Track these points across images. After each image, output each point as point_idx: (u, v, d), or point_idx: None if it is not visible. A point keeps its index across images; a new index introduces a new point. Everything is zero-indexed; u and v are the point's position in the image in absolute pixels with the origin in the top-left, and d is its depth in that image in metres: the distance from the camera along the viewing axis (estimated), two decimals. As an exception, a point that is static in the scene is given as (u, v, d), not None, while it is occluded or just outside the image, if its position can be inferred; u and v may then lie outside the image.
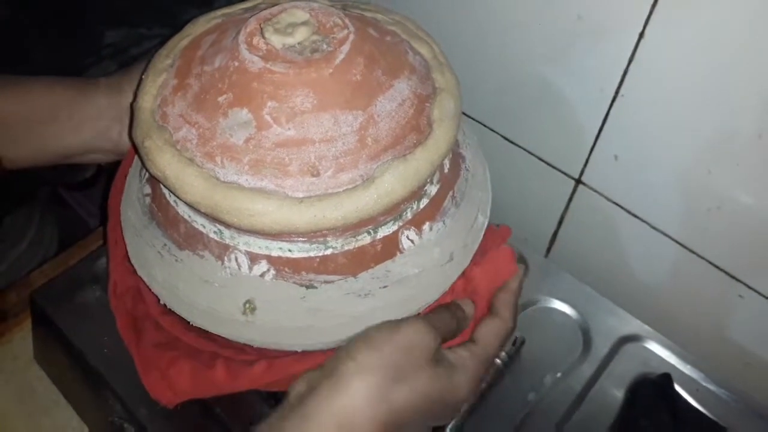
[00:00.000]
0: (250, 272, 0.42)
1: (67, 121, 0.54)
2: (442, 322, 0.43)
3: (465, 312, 0.45)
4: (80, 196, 1.08)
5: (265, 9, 0.45)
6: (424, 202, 0.44)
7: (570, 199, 0.68)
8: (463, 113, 0.71)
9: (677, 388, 0.55)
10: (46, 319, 0.56)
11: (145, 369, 0.48)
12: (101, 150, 0.57)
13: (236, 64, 0.41)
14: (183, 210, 0.44)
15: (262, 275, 0.42)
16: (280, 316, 0.42)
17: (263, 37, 0.42)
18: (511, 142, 0.69)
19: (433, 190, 0.45)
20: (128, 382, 0.51)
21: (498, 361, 0.55)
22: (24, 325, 0.62)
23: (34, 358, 0.61)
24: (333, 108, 0.40)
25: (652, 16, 0.52)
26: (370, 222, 0.42)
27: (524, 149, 0.68)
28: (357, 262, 0.43)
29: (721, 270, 0.60)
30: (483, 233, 0.48)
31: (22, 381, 0.60)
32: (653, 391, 0.54)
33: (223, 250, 0.42)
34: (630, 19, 0.53)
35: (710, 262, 0.60)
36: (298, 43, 0.42)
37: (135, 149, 0.44)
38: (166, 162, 0.40)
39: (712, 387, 0.56)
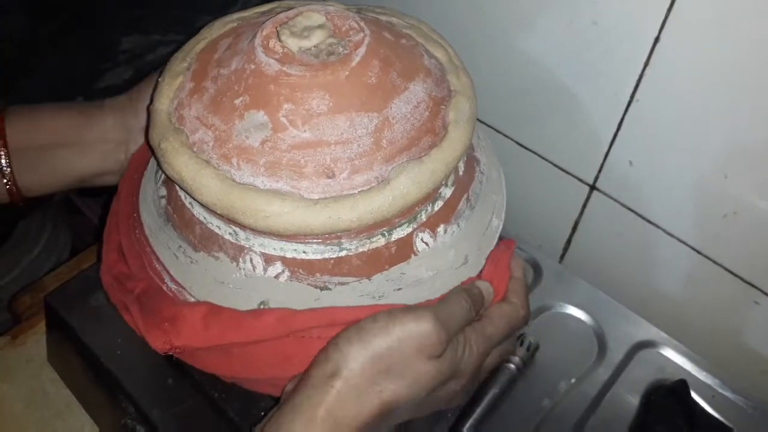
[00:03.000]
0: (264, 273, 0.42)
1: (75, 146, 0.55)
2: (455, 314, 0.41)
3: (484, 298, 0.44)
4: (93, 203, 1.08)
5: (281, 12, 0.46)
6: (439, 204, 0.44)
7: (584, 205, 0.67)
8: (477, 119, 0.71)
9: (693, 394, 0.54)
10: (59, 322, 0.56)
11: (146, 317, 0.45)
12: (110, 172, 0.57)
13: (252, 66, 0.42)
14: (198, 212, 0.44)
15: (276, 276, 0.42)
16: None
17: (279, 40, 0.42)
18: (525, 148, 0.69)
19: (447, 192, 0.45)
20: (141, 384, 0.51)
21: (512, 366, 0.55)
22: (37, 328, 0.63)
23: (47, 361, 0.61)
24: (348, 110, 0.41)
25: (668, 21, 0.52)
26: (385, 224, 0.42)
27: (538, 155, 0.68)
28: (371, 264, 0.42)
29: (737, 276, 0.59)
30: (497, 236, 0.48)
31: (36, 383, 0.60)
32: (669, 397, 0.53)
33: (238, 252, 0.42)
34: (645, 24, 0.53)
35: (726, 269, 0.59)
36: (314, 46, 0.42)
37: (151, 151, 0.44)
38: (182, 164, 0.41)
39: (728, 394, 0.55)
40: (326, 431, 0.37)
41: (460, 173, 0.47)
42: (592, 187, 0.66)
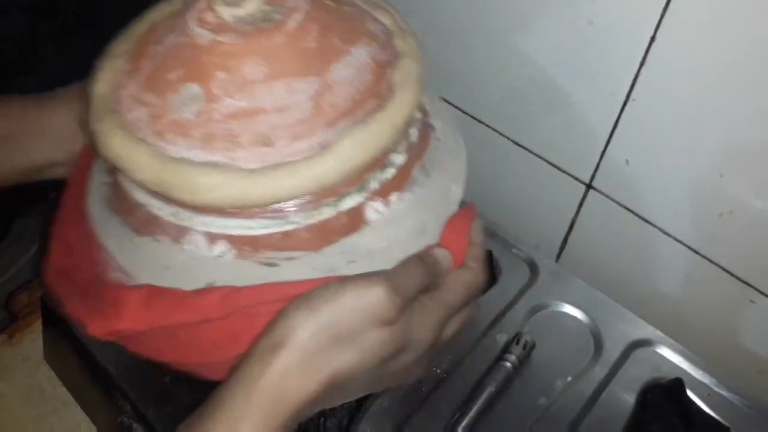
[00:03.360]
0: (209, 253, 0.41)
1: (25, 136, 0.53)
2: (410, 281, 0.39)
3: (441, 265, 0.42)
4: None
5: None
6: (391, 171, 0.43)
7: (581, 204, 0.67)
8: (475, 118, 0.71)
9: (689, 393, 0.54)
10: (56, 320, 0.56)
11: (88, 305, 0.43)
12: (63, 163, 0.55)
13: (186, 40, 0.41)
14: (139, 195, 0.42)
15: (221, 255, 0.41)
16: None
17: (213, 10, 0.41)
18: (522, 147, 0.69)
19: (399, 159, 0.44)
20: (138, 382, 0.51)
21: (508, 364, 0.55)
22: (34, 327, 0.63)
23: (44, 359, 0.61)
24: (286, 76, 0.39)
25: (664, 21, 0.52)
26: (332, 193, 0.40)
27: (535, 154, 0.68)
28: (320, 237, 0.41)
29: (733, 275, 0.59)
30: (458, 203, 0.46)
31: (32, 381, 0.60)
32: (665, 395, 0.54)
33: (180, 233, 0.41)
34: (641, 23, 0.53)
35: (722, 267, 0.60)
36: (249, 15, 0.41)
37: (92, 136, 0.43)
38: (116, 143, 0.39)
39: (724, 392, 0.55)
40: (269, 404, 0.36)
41: (413, 139, 0.45)
42: (589, 186, 0.66)
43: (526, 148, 0.69)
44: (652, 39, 0.53)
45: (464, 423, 0.52)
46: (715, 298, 0.62)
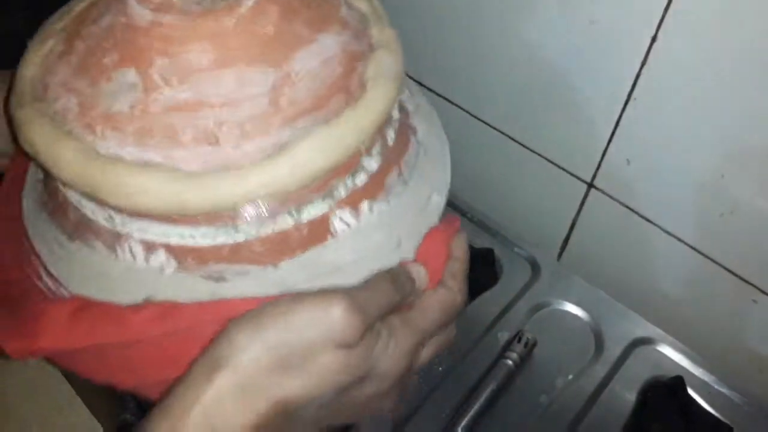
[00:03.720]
0: (147, 264, 0.36)
1: None
2: (376, 299, 0.34)
3: (414, 282, 0.37)
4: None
5: None
6: (362, 177, 0.38)
7: (582, 203, 0.68)
8: (476, 117, 0.71)
9: (690, 391, 0.54)
10: (61, 317, 0.56)
11: (8, 319, 0.37)
12: (6, 154, 0.49)
13: (124, 19, 0.36)
14: (71, 195, 0.38)
15: (160, 268, 0.36)
16: None
17: None
18: (524, 146, 0.69)
19: (372, 163, 0.38)
20: (142, 379, 0.51)
21: (510, 362, 0.55)
22: (39, 324, 0.63)
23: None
24: (237, 65, 0.35)
25: (665, 20, 0.52)
26: (291, 201, 0.35)
27: (537, 153, 0.68)
28: (278, 249, 0.36)
29: (734, 274, 0.59)
30: (439, 215, 0.42)
31: (37, 380, 0.60)
32: (665, 394, 0.54)
33: (115, 239, 0.36)
34: (642, 23, 0.54)
35: (723, 267, 0.60)
36: None
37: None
38: (37, 134, 0.35)
39: (724, 390, 0.56)
40: None
41: (390, 142, 0.40)
42: (590, 185, 0.66)
43: (527, 147, 0.69)
44: (654, 39, 0.54)
45: (465, 421, 0.52)
46: (716, 296, 0.62)
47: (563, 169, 0.67)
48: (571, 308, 0.61)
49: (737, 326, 0.62)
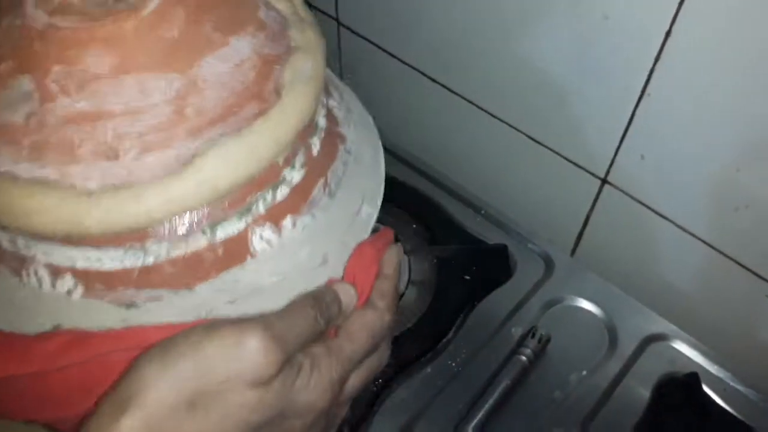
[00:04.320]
0: (53, 289, 0.33)
1: None
2: (296, 328, 0.32)
3: (341, 303, 0.35)
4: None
5: None
6: (283, 191, 0.35)
7: (596, 199, 0.67)
8: (489, 113, 0.71)
9: (705, 387, 0.54)
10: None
11: None
12: None
13: (19, 22, 0.33)
14: None
15: (68, 293, 0.33)
16: None
17: None
18: (537, 142, 0.69)
19: (295, 176, 0.36)
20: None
21: (524, 358, 0.55)
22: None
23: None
24: (138, 71, 0.32)
25: (679, 15, 0.52)
26: (204, 218, 0.33)
27: (550, 149, 0.68)
28: (191, 272, 0.33)
29: (749, 270, 0.59)
30: (370, 228, 0.39)
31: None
32: (680, 390, 0.54)
33: (19, 263, 0.34)
34: (656, 18, 0.53)
35: (738, 262, 0.59)
36: None
37: None
38: None
39: (740, 387, 0.56)
40: None
41: (315, 152, 0.37)
42: (604, 181, 0.66)
43: (541, 143, 0.69)
44: (668, 33, 0.53)
45: (479, 416, 0.52)
46: (731, 292, 0.62)
47: (577, 165, 0.67)
48: (585, 304, 0.61)
49: (752, 322, 0.62)
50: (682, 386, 0.54)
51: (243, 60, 0.34)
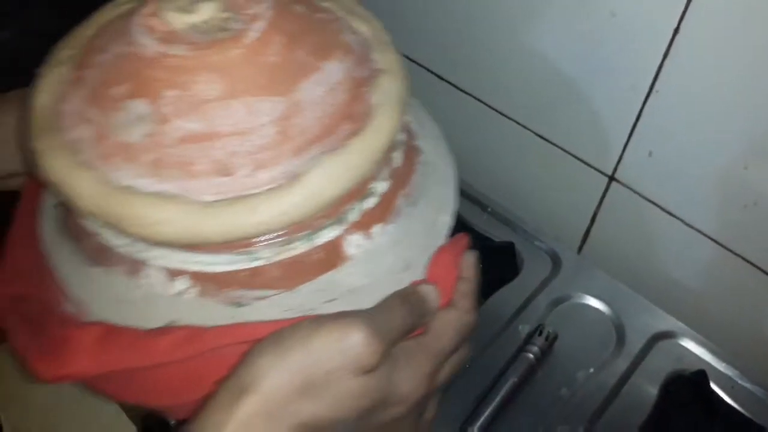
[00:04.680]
0: (168, 291, 0.37)
1: None
2: (393, 322, 0.35)
3: (428, 303, 0.38)
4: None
5: None
6: (372, 201, 0.39)
7: (603, 196, 0.67)
8: (497, 110, 0.71)
9: (712, 385, 0.54)
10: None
11: (34, 343, 0.39)
12: (19, 173, 0.49)
13: (130, 49, 0.36)
14: (90, 222, 0.38)
15: (182, 294, 0.36)
16: None
17: (160, 17, 0.36)
18: (544, 139, 0.69)
19: (381, 187, 0.39)
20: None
21: (531, 356, 0.55)
22: (64, 317, 0.64)
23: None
24: (245, 95, 0.35)
25: (688, 11, 0.52)
26: (305, 226, 0.36)
27: (557, 146, 0.68)
28: (293, 274, 0.37)
29: (757, 267, 0.59)
30: (446, 234, 0.42)
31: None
32: (688, 388, 0.54)
33: (136, 266, 0.37)
34: (665, 15, 0.53)
35: (746, 260, 0.59)
36: (204, 22, 0.37)
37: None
38: (55, 166, 0.35)
39: (748, 385, 0.55)
40: None
41: (396, 165, 0.41)
42: (611, 178, 0.66)
43: (548, 140, 0.69)
44: (676, 30, 0.53)
45: (486, 413, 0.52)
46: (739, 290, 0.62)
47: (584, 162, 0.67)
48: (592, 301, 0.61)
49: (760, 319, 0.62)
50: (689, 384, 0.54)
51: (335, 83, 0.37)
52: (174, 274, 0.36)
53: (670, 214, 0.63)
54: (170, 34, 0.36)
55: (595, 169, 0.66)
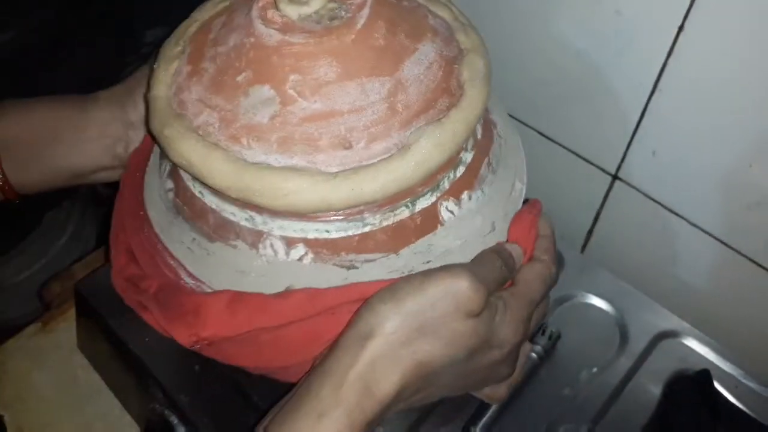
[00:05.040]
0: (287, 258, 0.41)
1: (70, 141, 0.53)
2: (490, 273, 0.39)
3: (515, 259, 0.42)
4: (118, 194, 1.10)
5: None
6: (461, 170, 0.43)
7: (606, 195, 0.67)
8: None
9: (716, 384, 0.54)
10: (89, 309, 0.57)
11: (167, 313, 0.44)
12: (109, 167, 0.55)
13: (252, 40, 0.40)
14: (210, 200, 0.42)
15: (300, 259, 0.41)
16: None
17: (278, 9, 0.40)
18: (548, 138, 0.69)
19: (468, 157, 0.44)
20: (169, 370, 0.52)
21: (534, 355, 0.55)
22: (67, 315, 0.64)
23: (77, 347, 0.62)
24: (359, 76, 0.39)
25: (692, 10, 0.52)
26: (408, 194, 0.40)
27: (561, 145, 0.68)
28: (397, 238, 0.41)
29: (761, 266, 0.59)
30: (522, 200, 0.47)
31: (66, 369, 0.61)
32: (691, 387, 0.53)
33: (256, 238, 0.41)
34: (669, 13, 0.53)
35: (750, 259, 0.59)
36: (315, 12, 0.41)
37: (154, 140, 0.43)
38: (189, 148, 0.39)
39: (751, 384, 0.55)
40: (356, 398, 0.35)
41: (479, 136, 0.45)
42: (615, 177, 0.65)
43: (551, 139, 0.69)
44: (680, 28, 0.53)
45: (489, 413, 0.52)
46: (743, 289, 0.61)
47: (587, 161, 0.67)
48: (596, 301, 0.61)
49: (764, 319, 0.62)
50: (693, 383, 0.54)
51: (431, 62, 0.41)
52: (291, 242, 0.40)
53: (674, 213, 0.63)
54: (288, 24, 0.40)
55: (599, 167, 0.66)
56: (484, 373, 0.41)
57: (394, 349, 0.36)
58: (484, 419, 0.52)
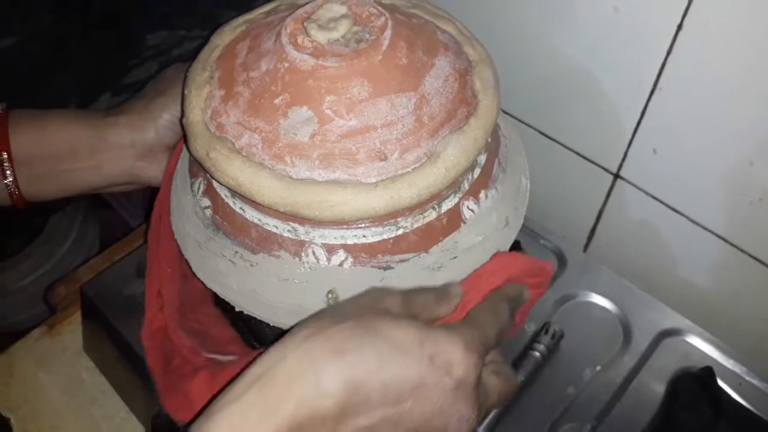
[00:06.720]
0: (329, 263, 0.44)
1: (88, 161, 0.54)
2: (418, 300, 0.40)
3: (450, 297, 0.41)
4: (122, 198, 1.10)
5: (286, 10, 0.47)
6: (477, 171, 0.46)
7: (608, 194, 0.67)
8: (500, 109, 0.71)
9: (719, 382, 0.54)
10: (95, 312, 0.58)
11: (167, 391, 0.48)
12: (125, 183, 0.57)
13: (286, 65, 0.43)
14: (251, 215, 0.45)
15: (340, 264, 0.44)
16: None
17: (308, 35, 0.43)
18: (549, 138, 0.69)
19: (482, 159, 0.47)
20: (174, 372, 0.52)
21: (537, 354, 0.55)
22: (73, 318, 0.64)
23: (83, 350, 0.63)
24: (387, 93, 0.42)
25: (691, 8, 0.52)
26: (435, 197, 0.43)
27: (562, 144, 0.68)
28: (427, 238, 0.44)
29: (763, 263, 0.59)
30: (528, 195, 0.50)
31: (72, 372, 0.62)
32: (695, 385, 0.53)
33: (299, 247, 0.44)
34: (668, 11, 0.53)
35: (752, 256, 0.59)
36: (342, 36, 0.43)
37: (198, 163, 0.45)
38: (237, 169, 0.41)
39: (755, 381, 0.55)
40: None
41: (489, 139, 0.48)
42: (616, 176, 0.66)
43: (552, 139, 0.69)
44: (679, 27, 0.53)
45: (493, 412, 0.52)
46: (745, 286, 0.62)
47: (589, 160, 0.67)
48: (598, 299, 0.61)
49: (767, 316, 0.62)
50: (696, 381, 0.54)
51: (447, 75, 0.44)
52: (331, 249, 0.43)
53: (676, 211, 0.63)
54: (319, 49, 0.43)
55: (600, 166, 0.66)
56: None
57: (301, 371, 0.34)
58: (488, 418, 0.52)
